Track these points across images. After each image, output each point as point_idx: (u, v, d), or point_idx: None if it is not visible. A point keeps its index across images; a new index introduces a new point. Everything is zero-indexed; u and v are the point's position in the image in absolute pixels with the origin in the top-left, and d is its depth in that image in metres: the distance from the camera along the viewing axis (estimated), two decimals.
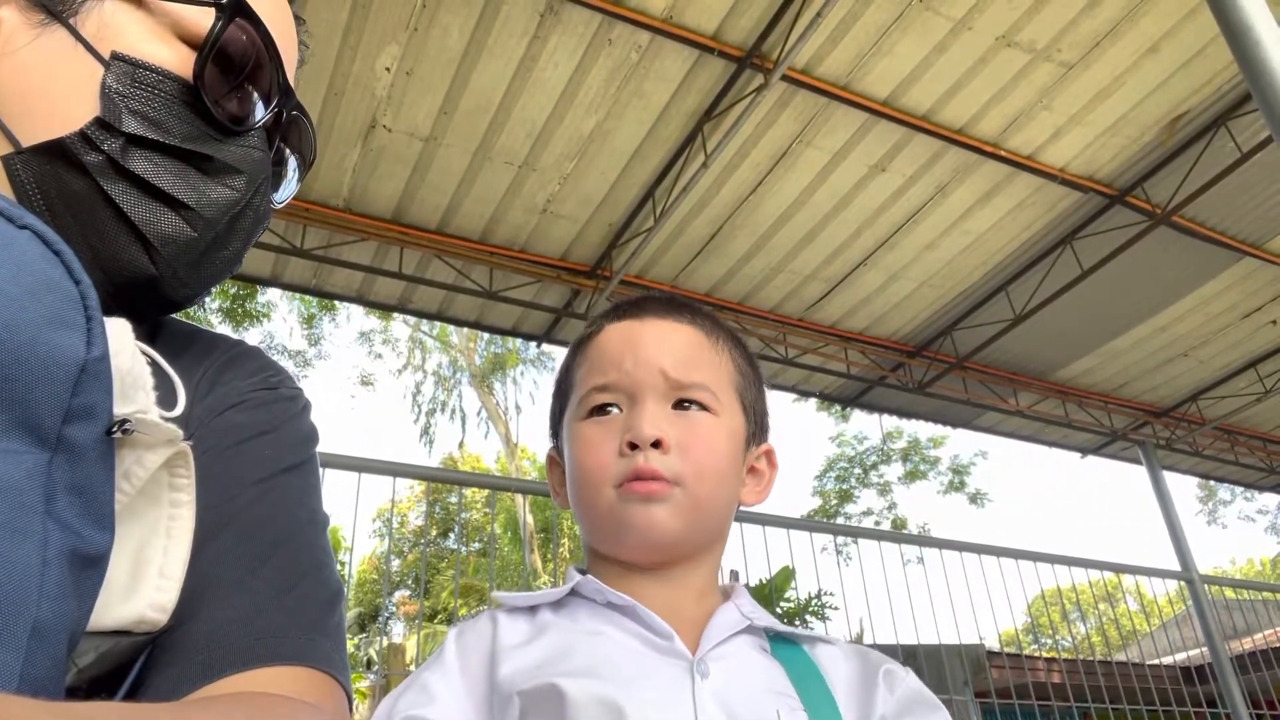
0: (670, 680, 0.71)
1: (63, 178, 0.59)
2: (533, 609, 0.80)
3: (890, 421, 18.55)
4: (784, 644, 0.80)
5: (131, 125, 0.60)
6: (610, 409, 0.82)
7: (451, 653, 0.76)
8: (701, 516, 0.81)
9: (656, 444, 0.78)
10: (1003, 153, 5.40)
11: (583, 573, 0.82)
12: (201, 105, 0.63)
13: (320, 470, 0.70)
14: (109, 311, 0.62)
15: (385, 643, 15.08)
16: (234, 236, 0.67)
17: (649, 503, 0.78)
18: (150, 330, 0.65)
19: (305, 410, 0.71)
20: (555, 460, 0.92)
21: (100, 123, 0.59)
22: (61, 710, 0.35)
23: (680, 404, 0.82)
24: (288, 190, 0.77)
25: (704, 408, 0.82)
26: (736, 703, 0.71)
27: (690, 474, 0.79)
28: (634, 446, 0.79)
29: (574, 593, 0.81)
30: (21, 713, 0.32)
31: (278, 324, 26.26)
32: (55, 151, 0.59)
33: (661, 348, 0.83)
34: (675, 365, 0.82)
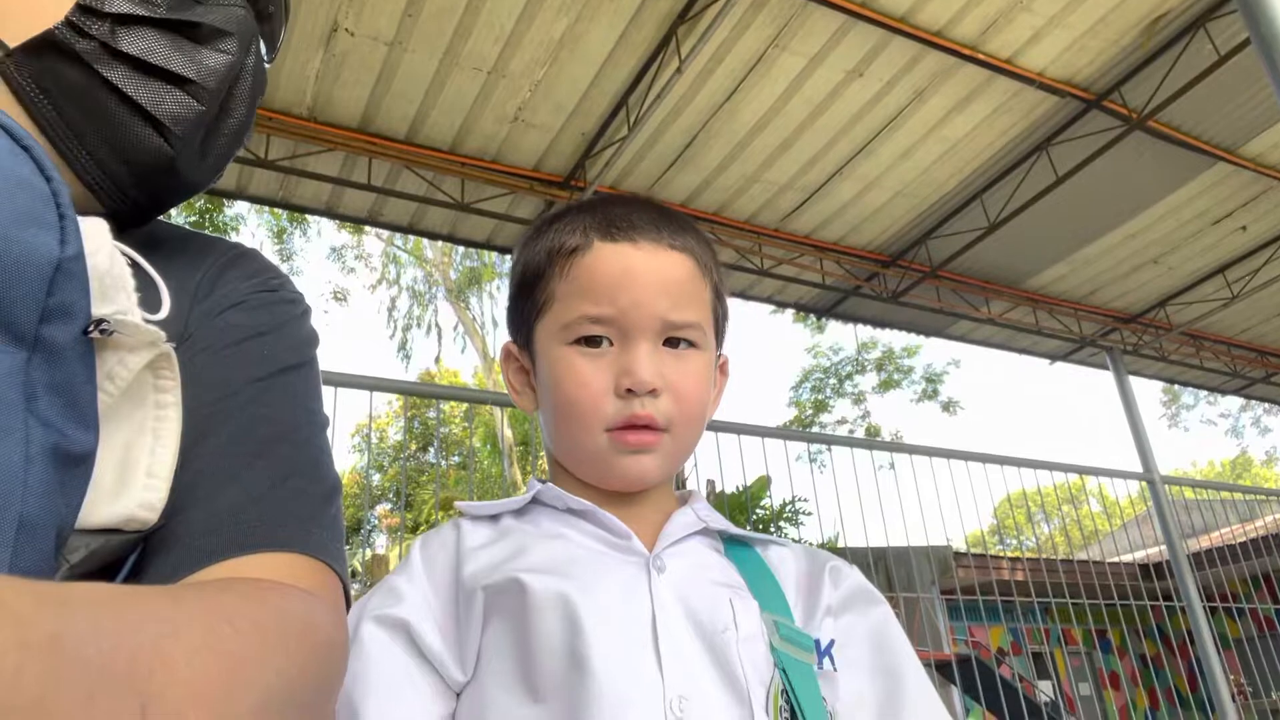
0: (628, 575, 0.75)
1: (60, 71, 0.57)
2: (495, 517, 0.83)
3: (865, 332, 18.72)
4: (737, 546, 0.84)
5: (114, 3, 0.58)
6: (601, 340, 0.81)
7: (417, 558, 0.79)
8: (683, 457, 0.84)
9: (652, 390, 0.79)
10: (981, 56, 5.31)
11: (543, 482, 0.85)
12: None
13: (319, 371, 0.70)
14: (137, 203, 0.62)
15: (369, 554, 15.33)
16: (237, 103, 0.67)
17: (640, 453, 0.80)
18: (146, 234, 0.65)
19: (305, 314, 0.71)
20: (514, 355, 0.90)
21: (83, 7, 0.58)
22: (50, 587, 0.35)
23: (672, 340, 0.82)
24: (271, 51, 0.75)
25: (692, 344, 0.83)
26: (691, 594, 0.74)
27: (680, 419, 0.81)
28: (631, 391, 0.79)
29: (535, 501, 0.83)
30: (9, 592, 0.32)
31: (247, 238, 25.77)
32: (45, 46, 0.57)
33: (660, 286, 0.81)
34: (673, 307, 0.81)
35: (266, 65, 0.73)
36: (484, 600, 0.73)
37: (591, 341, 0.81)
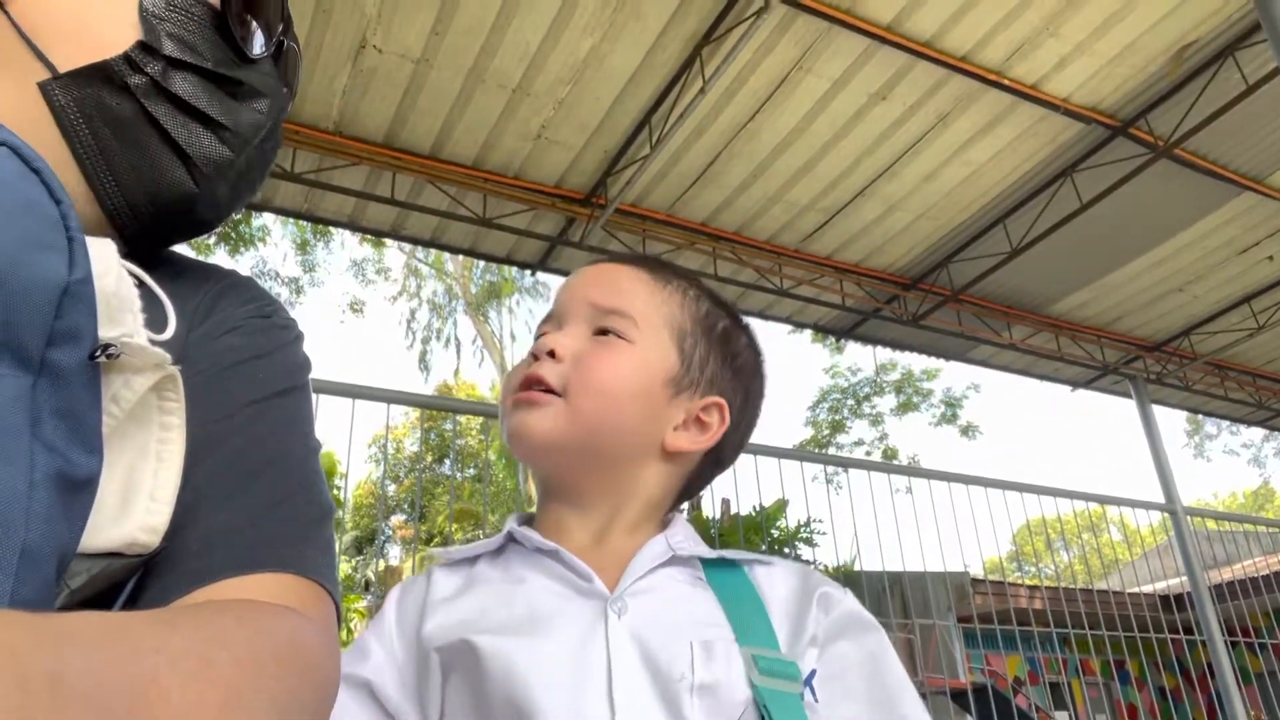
0: (586, 622, 0.73)
1: (104, 100, 0.60)
2: (473, 560, 0.83)
3: (884, 354, 18.61)
4: (720, 569, 0.81)
5: (171, 48, 0.62)
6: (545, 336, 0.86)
7: (391, 611, 0.79)
8: (585, 431, 0.80)
9: (551, 353, 0.81)
10: (1006, 81, 5.30)
11: (524, 520, 0.85)
12: (227, 31, 0.66)
13: (314, 399, 0.71)
14: (144, 232, 0.65)
15: (382, 565, 15.36)
16: (257, 160, 0.71)
17: (526, 409, 0.80)
18: (147, 257, 0.67)
19: (298, 340, 0.71)
20: None
21: (144, 45, 0.61)
22: (46, 620, 0.35)
23: (602, 331, 0.84)
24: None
25: (620, 335, 0.83)
26: (651, 638, 0.71)
27: (576, 385, 0.80)
28: (536, 358, 0.82)
29: (512, 539, 0.83)
30: (6, 629, 0.32)
31: (272, 250, 26.05)
32: (96, 74, 0.60)
33: (594, 279, 0.88)
34: (602, 294, 0.85)
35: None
36: (439, 661, 0.73)
37: (540, 339, 0.86)
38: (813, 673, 0.74)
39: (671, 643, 0.71)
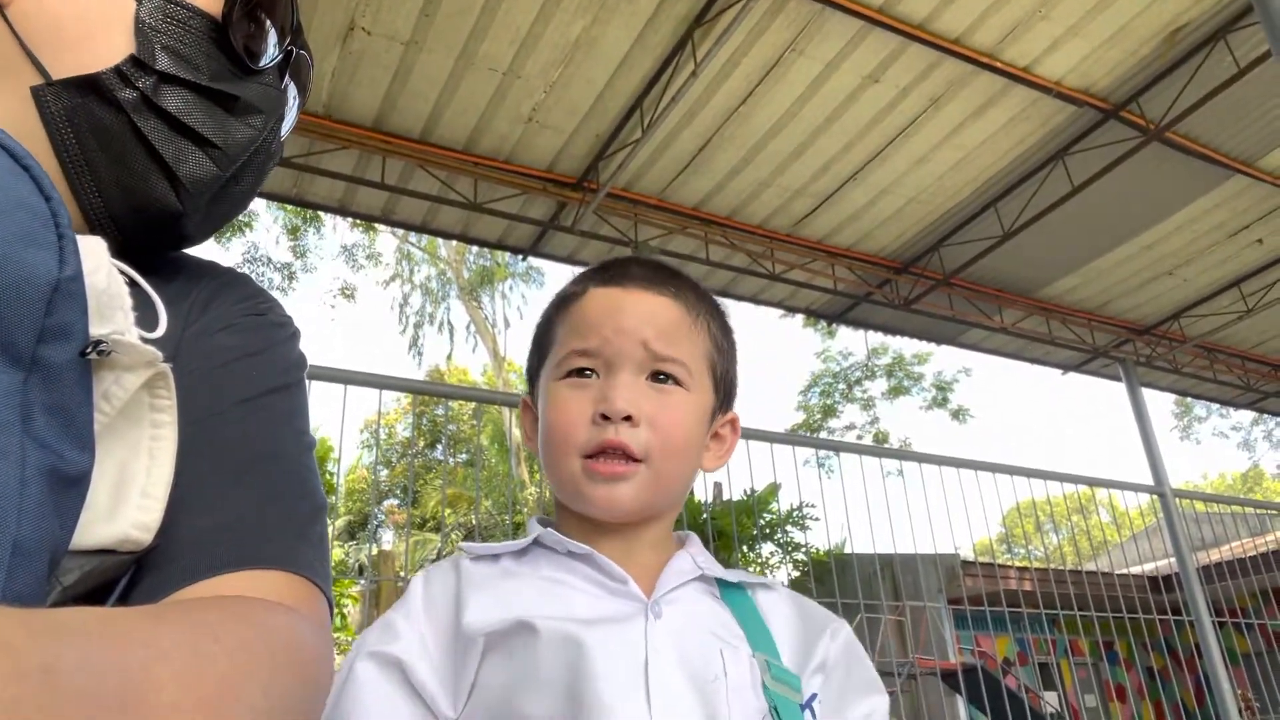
0: (625, 621, 0.76)
1: (94, 111, 0.60)
2: (496, 557, 0.84)
3: (875, 338, 18.66)
4: (731, 590, 0.86)
5: (164, 62, 0.61)
6: (587, 373, 0.84)
7: (418, 596, 0.80)
8: (663, 490, 0.84)
9: (627, 418, 0.80)
10: (999, 64, 5.29)
11: (545, 524, 0.86)
12: (226, 43, 0.64)
13: (308, 393, 0.70)
14: (127, 244, 0.64)
15: (375, 550, 15.37)
16: (248, 173, 0.69)
17: (612, 482, 0.81)
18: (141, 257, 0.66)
19: (294, 337, 0.71)
20: (529, 407, 0.94)
21: (136, 60, 0.60)
22: (40, 615, 0.35)
23: (655, 376, 0.84)
24: (288, 123, 0.77)
25: (678, 383, 0.84)
26: (686, 642, 0.76)
27: (657, 450, 0.81)
28: (606, 418, 0.80)
29: (537, 543, 0.84)
30: (1, 623, 0.32)
31: (261, 234, 25.83)
32: (88, 85, 0.59)
33: (645, 318, 0.85)
34: (656, 338, 0.84)
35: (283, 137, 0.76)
36: (484, 645, 0.74)
37: (581, 374, 0.84)
38: (813, 696, 0.79)
39: (704, 648, 0.76)
